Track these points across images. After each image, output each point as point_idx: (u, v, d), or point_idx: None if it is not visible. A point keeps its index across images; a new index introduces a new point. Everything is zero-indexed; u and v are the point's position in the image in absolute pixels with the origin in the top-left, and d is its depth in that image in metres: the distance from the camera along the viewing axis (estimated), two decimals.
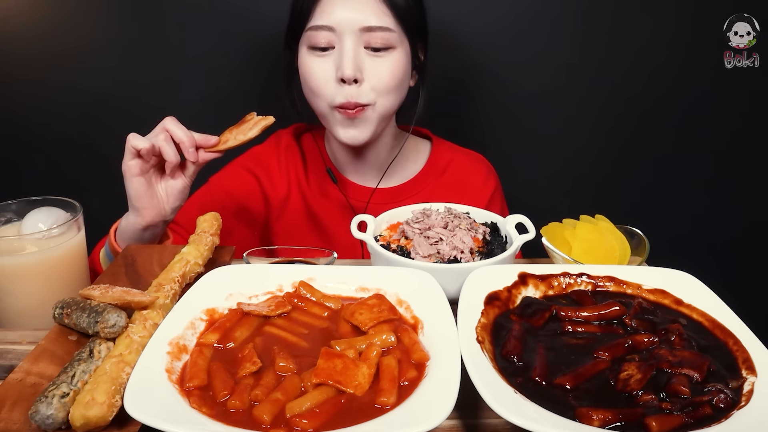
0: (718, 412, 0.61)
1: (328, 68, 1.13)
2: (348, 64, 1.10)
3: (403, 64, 1.16)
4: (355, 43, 1.11)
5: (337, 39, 1.12)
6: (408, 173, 1.35)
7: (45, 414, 0.59)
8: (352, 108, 1.13)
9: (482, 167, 1.37)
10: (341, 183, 1.32)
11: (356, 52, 1.11)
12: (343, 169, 1.34)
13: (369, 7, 1.11)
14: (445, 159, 1.36)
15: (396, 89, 1.16)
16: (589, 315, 0.78)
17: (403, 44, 1.15)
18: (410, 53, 1.18)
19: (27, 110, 1.62)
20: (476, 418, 0.67)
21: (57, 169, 1.67)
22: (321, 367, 0.65)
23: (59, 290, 0.85)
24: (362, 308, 0.77)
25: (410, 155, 1.36)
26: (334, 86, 1.13)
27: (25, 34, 1.55)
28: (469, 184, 1.34)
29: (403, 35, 1.15)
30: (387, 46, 1.13)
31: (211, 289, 0.80)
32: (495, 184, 1.36)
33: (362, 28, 1.10)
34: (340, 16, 1.11)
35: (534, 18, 1.58)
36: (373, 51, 1.13)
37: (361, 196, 1.31)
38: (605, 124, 1.70)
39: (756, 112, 1.69)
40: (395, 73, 1.15)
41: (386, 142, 1.30)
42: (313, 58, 1.15)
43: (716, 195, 1.77)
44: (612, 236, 0.99)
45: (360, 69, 1.12)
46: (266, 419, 0.59)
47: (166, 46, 1.57)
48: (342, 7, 1.11)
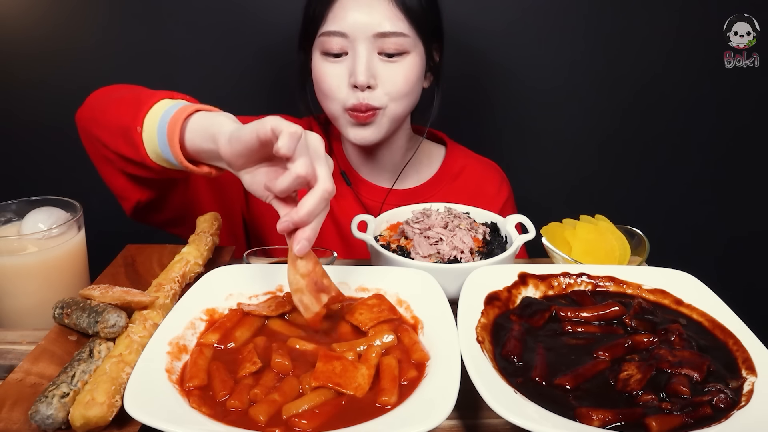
0: (718, 412, 0.61)
1: (341, 73, 1.12)
2: (361, 70, 1.09)
3: (417, 69, 1.15)
4: (368, 50, 1.10)
5: (350, 45, 1.10)
6: (422, 177, 1.34)
7: (45, 414, 0.59)
8: (363, 111, 1.12)
9: (496, 175, 1.37)
10: (357, 183, 1.32)
11: (369, 58, 1.10)
12: (358, 170, 1.33)
13: (382, 11, 1.09)
14: (459, 164, 1.35)
15: (409, 94, 1.16)
16: (589, 315, 0.78)
17: (417, 48, 1.14)
18: (425, 56, 1.17)
19: (27, 110, 1.62)
20: (476, 418, 0.67)
21: (57, 169, 1.66)
22: (320, 370, 0.65)
23: (59, 290, 0.85)
24: (362, 308, 0.77)
25: (424, 159, 1.35)
26: (347, 90, 1.12)
27: (25, 34, 1.55)
28: (482, 191, 1.33)
29: (417, 39, 1.13)
30: (401, 51, 1.11)
31: (211, 289, 0.80)
32: (508, 193, 1.36)
33: (376, 33, 1.09)
34: (353, 22, 1.09)
35: (538, 20, 1.58)
36: (387, 56, 1.11)
37: (375, 196, 1.31)
38: (605, 125, 1.70)
39: (756, 112, 1.68)
40: (409, 78, 1.13)
41: (401, 144, 1.29)
42: (327, 64, 1.13)
43: (716, 195, 1.77)
44: (612, 236, 0.99)
45: (374, 75, 1.10)
46: (262, 419, 0.59)
47: (166, 47, 1.57)
48: (355, 12, 1.09)
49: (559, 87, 1.65)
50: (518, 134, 1.71)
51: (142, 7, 1.54)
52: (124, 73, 1.59)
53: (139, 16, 1.54)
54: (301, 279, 0.71)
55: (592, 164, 1.73)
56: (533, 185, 1.73)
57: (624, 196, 1.76)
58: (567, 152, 1.73)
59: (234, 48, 1.57)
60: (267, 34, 1.54)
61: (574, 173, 1.74)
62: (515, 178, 1.43)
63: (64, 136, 1.63)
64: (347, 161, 1.33)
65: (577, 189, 1.75)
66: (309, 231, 0.70)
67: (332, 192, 0.69)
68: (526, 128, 1.70)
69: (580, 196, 1.75)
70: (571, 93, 1.66)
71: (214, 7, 1.54)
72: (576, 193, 1.75)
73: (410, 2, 1.10)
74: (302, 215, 0.68)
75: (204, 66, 1.60)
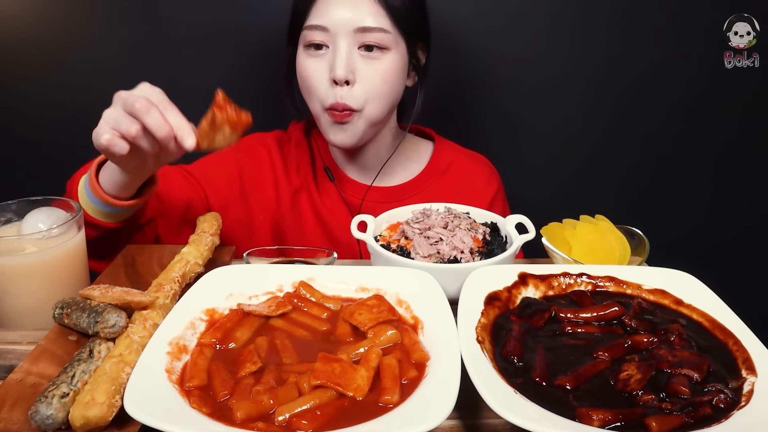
0: (718, 412, 0.61)
1: (322, 68, 1.14)
2: (340, 65, 1.10)
3: (397, 67, 1.16)
4: (348, 44, 1.11)
5: (331, 39, 1.12)
6: (409, 173, 1.35)
7: (45, 414, 0.59)
8: (340, 110, 1.13)
9: (485, 168, 1.37)
10: (341, 180, 1.33)
11: (349, 53, 1.12)
12: (344, 167, 1.34)
13: (364, 7, 1.10)
14: (447, 159, 1.36)
15: (387, 93, 1.16)
16: (588, 316, 0.78)
17: (398, 46, 1.15)
18: (407, 55, 1.18)
19: (27, 110, 1.62)
20: (476, 418, 0.67)
21: (57, 169, 1.66)
22: (320, 370, 0.65)
23: (59, 290, 0.85)
24: (361, 309, 0.77)
25: (412, 155, 1.36)
26: (327, 87, 1.14)
27: (25, 34, 1.55)
28: (471, 185, 1.34)
29: (399, 36, 1.14)
30: (381, 47, 1.13)
31: (211, 289, 0.80)
32: (497, 186, 1.36)
33: (356, 28, 1.10)
34: (335, 16, 1.11)
35: (534, 19, 1.58)
36: (367, 51, 1.12)
37: (360, 193, 1.32)
38: (605, 125, 1.70)
39: (756, 112, 1.68)
40: (388, 76, 1.14)
41: (386, 141, 1.30)
42: (309, 58, 1.15)
43: (716, 195, 1.77)
44: (612, 236, 0.99)
45: (352, 70, 1.12)
46: (262, 419, 0.59)
47: (166, 46, 1.57)
48: (336, 8, 1.11)
49: (559, 87, 1.65)
50: (519, 134, 1.71)
51: (142, 7, 1.54)
52: (124, 73, 1.59)
53: (139, 16, 1.54)
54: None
55: (593, 164, 1.73)
56: (533, 185, 1.73)
57: (624, 196, 1.76)
58: (567, 152, 1.72)
59: (227, 45, 1.57)
60: (264, 30, 1.54)
61: (574, 173, 1.74)
62: (515, 178, 1.43)
63: (65, 136, 1.64)
64: (332, 158, 1.34)
65: (577, 189, 1.75)
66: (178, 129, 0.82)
67: (145, 99, 0.82)
68: (526, 128, 1.70)
69: (580, 196, 1.75)
70: (571, 93, 1.66)
71: (215, 6, 1.54)
72: (576, 193, 1.75)
73: (392, 0, 1.11)
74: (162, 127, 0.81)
75: (204, 66, 1.59)
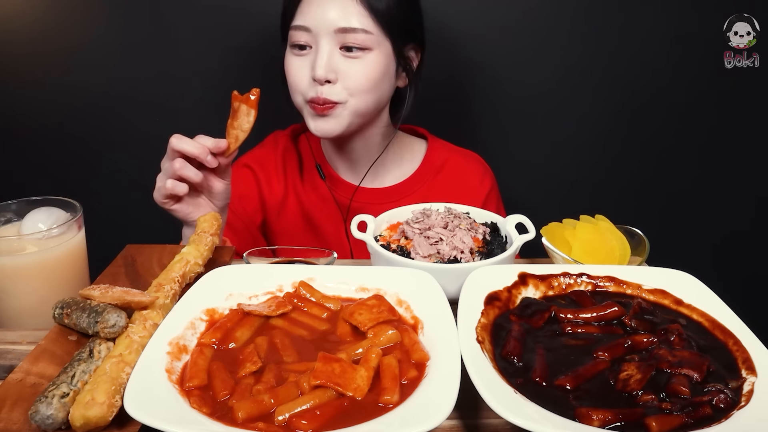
0: (718, 412, 0.61)
1: (305, 66, 1.16)
2: (320, 65, 1.12)
3: (380, 66, 1.16)
4: (330, 45, 1.13)
5: (313, 39, 1.14)
6: (403, 172, 1.35)
7: (45, 414, 0.59)
8: (321, 103, 1.15)
9: (478, 167, 1.38)
10: (332, 180, 1.33)
11: (330, 53, 1.13)
12: (336, 168, 1.35)
13: (346, 8, 1.12)
14: (441, 158, 1.36)
15: (371, 90, 1.17)
16: (588, 316, 0.78)
17: (381, 46, 1.16)
18: (393, 55, 1.19)
19: (27, 110, 1.62)
20: (476, 418, 0.67)
21: (57, 169, 1.66)
22: (319, 370, 0.65)
23: (59, 290, 0.85)
24: (361, 309, 0.77)
25: (405, 154, 1.36)
26: (308, 83, 1.16)
27: (25, 34, 1.55)
28: (464, 184, 1.34)
29: (383, 37, 1.15)
30: (362, 48, 1.14)
31: (211, 289, 0.80)
32: (491, 183, 1.36)
33: (337, 29, 1.12)
34: (317, 17, 1.13)
35: (533, 18, 1.58)
36: (348, 51, 1.14)
37: (351, 193, 1.32)
38: (605, 125, 1.70)
39: (756, 112, 1.68)
40: (370, 75, 1.15)
41: (377, 140, 1.31)
42: (293, 57, 1.18)
43: (716, 195, 1.77)
44: (612, 236, 0.99)
45: (333, 70, 1.14)
46: (262, 419, 0.59)
47: (166, 46, 1.57)
48: (319, 8, 1.13)
49: (559, 87, 1.65)
50: (519, 134, 1.71)
51: (142, 7, 1.54)
52: (123, 72, 1.59)
53: (139, 16, 1.54)
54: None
55: (593, 164, 1.73)
56: (533, 185, 1.73)
57: (624, 196, 1.76)
58: (567, 152, 1.72)
59: (225, 45, 1.58)
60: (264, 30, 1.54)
61: (574, 173, 1.74)
62: (515, 179, 1.43)
63: (64, 135, 1.64)
64: (324, 157, 1.35)
65: (577, 189, 1.75)
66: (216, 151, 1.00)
67: (176, 139, 0.98)
68: (526, 128, 1.70)
69: (580, 196, 1.75)
70: (571, 93, 1.66)
71: (215, 6, 1.54)
72: (576, 193, 1.75)
73: (375, 2, 1.13)
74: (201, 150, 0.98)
75: (204, 65, 1.60)
